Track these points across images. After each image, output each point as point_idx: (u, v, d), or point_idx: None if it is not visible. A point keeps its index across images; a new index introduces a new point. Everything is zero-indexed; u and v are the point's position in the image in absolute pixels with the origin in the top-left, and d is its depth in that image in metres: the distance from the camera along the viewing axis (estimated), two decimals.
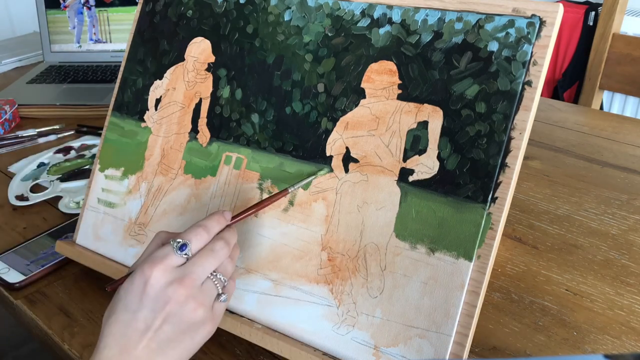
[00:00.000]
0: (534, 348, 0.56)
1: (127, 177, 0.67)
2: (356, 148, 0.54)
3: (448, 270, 0.48)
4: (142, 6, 0.70)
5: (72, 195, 0.84)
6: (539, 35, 0.48)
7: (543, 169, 0.89)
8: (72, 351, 0.58)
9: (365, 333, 0.50)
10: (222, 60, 0.63)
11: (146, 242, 0.63)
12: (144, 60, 0.69)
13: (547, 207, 0.78)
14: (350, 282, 0.52)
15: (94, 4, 1.34)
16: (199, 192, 0.61)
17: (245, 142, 0.60)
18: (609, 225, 0.74)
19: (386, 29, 0.54)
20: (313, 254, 0.54)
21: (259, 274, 0.56)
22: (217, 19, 0.64)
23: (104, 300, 0.64)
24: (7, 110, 1.08)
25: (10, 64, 1.44)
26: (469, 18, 0.51)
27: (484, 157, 0.48)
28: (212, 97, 0.63)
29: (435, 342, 0.47)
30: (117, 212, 0.66)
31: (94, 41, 1.36)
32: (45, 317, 0.62)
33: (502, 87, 0.48)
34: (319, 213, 0.54)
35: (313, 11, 0.58)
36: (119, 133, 0.68)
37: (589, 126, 1.04)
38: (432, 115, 0.51)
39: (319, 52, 0.57)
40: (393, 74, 0.53)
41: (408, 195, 0.51)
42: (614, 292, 0.63)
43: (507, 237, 0.72)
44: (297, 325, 0.53)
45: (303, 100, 0.57)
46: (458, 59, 0.51)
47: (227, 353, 0.56)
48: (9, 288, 0.65)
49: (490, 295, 0.62)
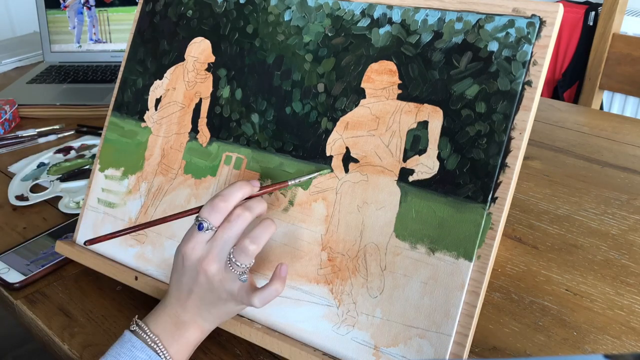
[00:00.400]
0: (534, 348, 0.56)
1: (127, 177, 0.67)
2: (356, 148, 0.54)
3: (448, 270, 0.48)
4: (142, 6, 0.70)
5: (72, 195, 0.84)
6: (539, 35, 0.48)
7: (543, 169, 0.89)
8: (72, 351, 0.58)
9: (365, 333, 0.50)
10: (222, 60, 0.63)
11: (146, 242, 0.63)
12: (144, 60, 0.69)
13: (547, 207, 0.78)
14: (350, 282, 0.52)
15: (94, 4, 1.34)
16: (199, 192, 0.61)
17: (245, 142, 0.60)
18: (609, 225, 0.74)
19: (386, 29, 0.54)
20: (313, 254, 0.54)
21: (259, 274, 0.56)
22: (217, 19, 0.64)
23: (104, 300, 0.64)
24: (7, 110, 1.08)
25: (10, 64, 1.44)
26: (469, 18, 0.51)
27: (484, 157, 0.48)
28: (212, 97, 0.63)
29: (435, 342, 0.47)
30: (117, 212, 0.66)
31: (94, 41, 1.36)
32: (45, 317, 0.62)
33: (502, 87, 0.48)
34: (319, 213, 0.54)
35: (313, 11, 0.58)
36: (119, 133, 0.68)
37: (589, 126, 1.04)
38: (432, 115, 0.51)
39: (319, 52, 0.57)
40: (393, 74, 0.53)
41: (408, 195, 0.51)
42: (614, 292, 0.63)
43: (507, 237, 0.72)
44: (297, 325, 0.53)
45: (303, 100, 0.57)
46: (458, 59, 0.51)
47: (227, 353, 0.56)
48: (9, 288, 0.65)
49: (490, 295, 0.62)
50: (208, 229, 0.49)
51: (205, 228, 0.49)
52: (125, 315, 0.61)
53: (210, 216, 0.49)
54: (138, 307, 0.62)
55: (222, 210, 0.50)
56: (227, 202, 0.50)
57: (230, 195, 0.50)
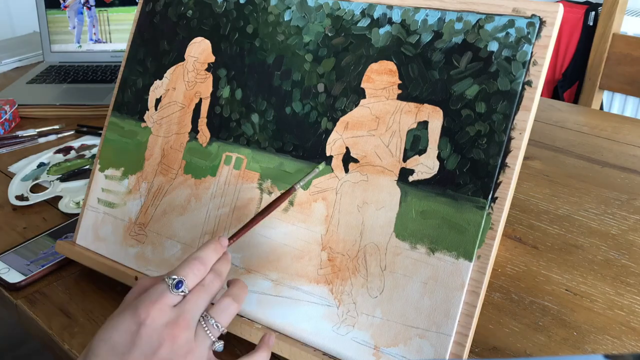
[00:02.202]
0: (534, 348, 0.56)
1: (127, 177, 0.67)
2: (356, 148, 0.54)
3: (448, 270, 0.48)
4: (142, 6, 0.70)
5: (72, 195, 0.84)
6: (539, 35, 0.48)
7: (543, 169, 0.89)
8: (72, 351, 0.58)
9: (365, 333, 0.50)
10: (222, 60, 0.63)
11: (146, 242, 0.63)
12: (144, 60, 0.69)
13: (547, 207, 0.78)
14: (350, 282, 0.52)
15: (94, 4, 1.34)
16: (199, 192, 0.61)
17: (245, 142, 0.60)
18: (609, 225, 0.74)
19: (386, 29, 0.54)
20: (313, 254, 0.54)
21: (259, 274, 0.56)
22: (217, 19, 0.64)
23: (104, 300, 0.64)
24: (7, 110, 1.08)
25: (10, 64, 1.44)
26: (469, 18, 0.51)
27: (484, 157, 0.48)
28: (212, 97, 0.63)
29: (435, 342, 0.47)
30: (117, 212, 0.66)
31: (94, 41, 1.36)
32: (45, 317, 0.62)
33: (502, 87, 0.48)
34: (319, 213, 0.54)
35: (313, 11, 0.58)
36: (119, 133, 0.68)
37: (589, 126, 1.04)
38: (432, 115, 0.51)
39: (319, 52, 0.57)
40: (393, 74, 0.53)
41: (408, 195, 0.51)
42: (614, 292, 0.63)
43: (507, 237, 0.72)
44: (297, 326, 0.53)
45: (303, 100, 0.57)
46: (458, 59, 0.51)
47: (227, 353, 0.56)
48: (9, 288, 0.65)
49: (490, 295, 0.62)
50: (183, 291, 0.44)
51: (181, 289, 0.44)
52: None
53: (188, 278, 0.44)
54: None
55: (200, 274, 0.45)
56: (206, 265, 0.46)
57: (208, 258, 0.47)
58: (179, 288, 0.44)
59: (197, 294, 0.45)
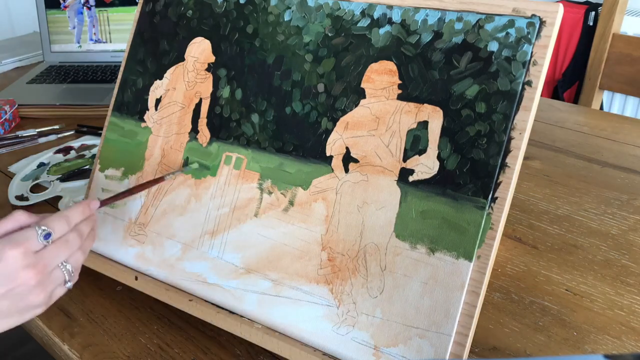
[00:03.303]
0: (534, 348, 0.56)
1: (127, 177, 0.67)
2: (356, 148, 0.54)
3: (448, 270, 0.48)
4: (142, 6, 0.70)
5: (72, 195, 0.84)
6: (539, 35, 0.48)
7: (543, 169, 0.89)
8: (72, 351, 0.58)
9: (365, 333, 0.50)
10: (222, 60, 0.63)
11: (146, 242, 0.63)
12: (144, 60, 0.69)
13: (547, 207, 0.78)
14: (350, 282, 0.52)
15: (94, 4, 1.34)
16: (199, 192, 0.61)
17: (245, 142, 0.60)
18: (609, 225, 0.74)
19: (386, 29, 0.54)
20: (313, 254, 0.54)
21: (259, 274, 0.56)
22: (217, 19, 0.64)
23: (104, 300, 0.64)
24: (7, 110, 1.08)
25: (10, 64, 1.44)
26: (469, 18, 0.51)
27: (484, 157, 0.48)
28: (212, 97, 0.63)
29: (435, 342, 0.47)
30: (117, 212, 0.66)
31: (94, 41, 1.36)
32: (45, 317, 0.62)
33: (502, 87, 0.48)
34: (319, 213, 0.54)
35: (313, 11, 0.58)
36: (119, 133, 0.68)
37: (589, 126, 1.04)
38: (432, 115, 0.51)
39: (319, 52, 0.57)
40: (393, 74, 0.53)
41: (408, 195, 0.51)
42: (614, 292, 0.63)
43: (507, 237, 0.72)
44: (297, 326, 0.53)
45: (303, 100, 0.57)
46: (458, 59, 0.51)
47: (227, 353, 0.56)
48: None
49: (490, 295, 0.62)
50: (47, 242, 0.49)
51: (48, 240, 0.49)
52: (125, 315, 0.61)
53: (55, 231, 0.50)
54: (138, 307, 0.62)
55: (63, 230, 0.51)
56: (69, 224, 0.51)
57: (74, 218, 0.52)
58: (46, 239, 0.49)
59: (59, 247, 0.50)
